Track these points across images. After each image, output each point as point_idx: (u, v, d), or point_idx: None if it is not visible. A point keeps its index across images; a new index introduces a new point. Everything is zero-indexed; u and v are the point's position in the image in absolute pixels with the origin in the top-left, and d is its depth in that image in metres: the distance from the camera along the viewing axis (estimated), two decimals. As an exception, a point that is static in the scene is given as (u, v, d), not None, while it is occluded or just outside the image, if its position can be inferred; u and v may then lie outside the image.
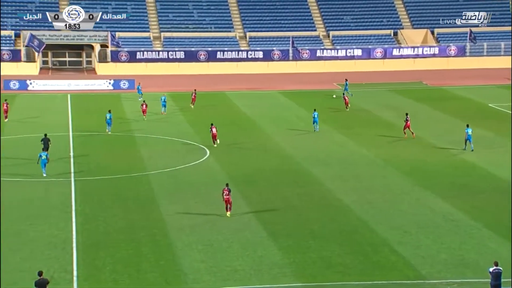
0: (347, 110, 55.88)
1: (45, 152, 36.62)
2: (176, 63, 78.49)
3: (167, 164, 38.93)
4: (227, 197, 30.04)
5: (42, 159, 36.01)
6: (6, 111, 51.07)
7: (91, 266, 24.58)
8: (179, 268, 24.68)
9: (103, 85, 66.93)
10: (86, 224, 28.87)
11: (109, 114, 47.16)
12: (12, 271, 23.93)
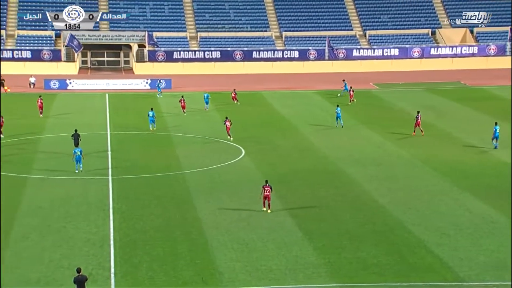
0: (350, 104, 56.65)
1: (79, 148, 37.18)
2: (212, 62, 78.91)
3: (203, 163, 39.16)
4: (267, 194, 30.25)
5: (77, 155, 36.69)
6: (41, 107, 52.33)
7: (128, 264, 24.85)
8: (214, 266, 24.81)
9: (140, 84, 67.64)
10: (123, 222, 29.20)
11: (152, 111, 48.30)
12: (53, 267, 24.36)
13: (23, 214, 29.90)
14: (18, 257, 25.16)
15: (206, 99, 56.22)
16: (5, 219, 29.20)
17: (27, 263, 24.64)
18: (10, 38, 77.94)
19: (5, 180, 35.06)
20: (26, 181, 35.02)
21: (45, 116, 52.58)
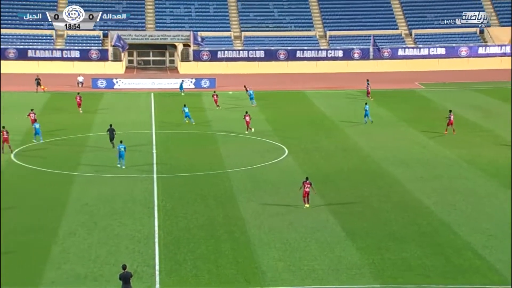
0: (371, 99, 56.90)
1: (123, 145, 37.90)
2: (256, 62, 79.11)
3: (246, 162, 39.33)
4: (307, 190, 30.55)
5: (121, 151, 37.32)
6: (80, 104, 53.97)
7: (172, 261, 25.15)
8: (257, 265, 24.91)
9: (184, 83, 68.27)
10: (168, 220, 29.56)
11: (186, 107, 50.25)
12: (99, 263, 24.82)
13: (70, 211, 30.54)
14: (66, 253, 25.70)
15: (252, 96, 57.24)
16: (53, 215, 29.88)
17: (74, 259, 25.16)
18: (60, 38, 79.60)
19: (54, 178, 35.87)
20: (74, 178, 35.74)
21: (86, 112, 53.69)
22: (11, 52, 75.16)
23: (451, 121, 45.89)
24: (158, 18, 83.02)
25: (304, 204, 31.07)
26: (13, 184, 34.52)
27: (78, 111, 53.93)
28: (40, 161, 38.80)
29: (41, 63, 75.23)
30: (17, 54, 75.26)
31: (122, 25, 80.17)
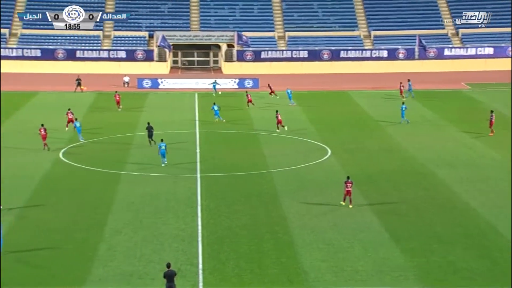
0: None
1: (164, 143, 38.51)
2: (300, 62, 78.99)
3: (289, 162, 39.34)
4: (349, 189, 30.63)
5: (162, 150, 37.92)
6: (118, 102, 55.35)
7: (215, 260, 25.35)
8: (300, 266, 24.92)
9: (228, 83, 68.60)
10: (211, 219, 29.79)
11: (215, 105, 51.37)
12: (144, 261, 25.16)
13: (117, 209, 31.05)
14: (113, 250, 26.14)
15: (290, 95, 57.61)
16: (100, 213, 30.44)
17: (121, 256, 25.57)
18: (107, 39, 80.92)
19: (101, 176, 36.51)
20: (120, 177, 36.32)
21: (131, 111, 54.56)
22: (60, 53, 76.74)
23: (492, 122, 45.18)
24: (202, 18, 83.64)
25: (343, 202, 31.17)
26: (61, 182, 35.27)
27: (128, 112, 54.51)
28: (87, 159, 39.53)
29: (88, 64, 76.63)
30: (66, 54, 76.80)
31: (167, 25, 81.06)
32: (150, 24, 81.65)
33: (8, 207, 30.51)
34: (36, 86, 65.57)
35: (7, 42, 77.84)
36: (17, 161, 38.86)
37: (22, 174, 36.26)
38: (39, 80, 69.42)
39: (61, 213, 30.47)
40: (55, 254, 25.71)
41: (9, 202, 31.44)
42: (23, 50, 76.21)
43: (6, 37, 78.10)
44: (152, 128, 43.39)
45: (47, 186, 34.38)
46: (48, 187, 34.24)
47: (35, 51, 76.34)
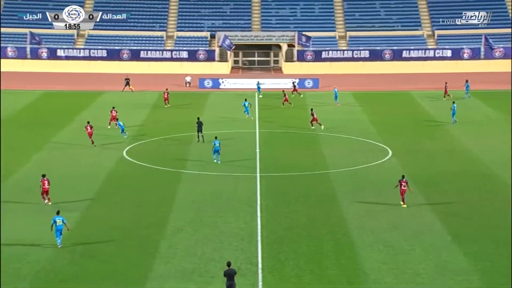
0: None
1: (218, 140, 39.14)
2: (361, 62, 78.36)
3: (348, 162, 39.14)
4: (404, 188, 30.61)
5: (216, 147, 38.65)
6: (167, 99, 56.95)
7: (275, 260, 25.49)
8: (360, 267, 24.81)
9: (288, 84, 68.66)
10: (271, 219, 29.96)
11: (246, 102, 52.24)
12: (205, 260, 25.51)
13: (178, 208, 31.60)
14: (174, 248, 26.61)
15: (336, 94, 57.89)
16: (162, 211, 31.05)
17: (182, 254, 26.00)
18: (170, 40, 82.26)
19: (163, 175, 37.21)
20: (181, 176, 36.93)
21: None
22: (125, 53, 78.43)
23: None
24: (264, 19, 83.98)
25: (402, 203, 31.00)
26: (124, 180, 36.12)
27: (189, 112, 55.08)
28: (150, 158, 40.32)
29: (152, 64, 78.09)
30: (130, 55, 78.45)
31: (229, 26, 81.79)
32: (212, 25, 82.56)
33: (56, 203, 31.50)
34: (101, 86, 67.23)
35: (75, 42, 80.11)
36: (82, 160, 40.00)
37: (88, 172, 37.31)
38: (105, 80, 71.17)
39: (125, 210, 31.21)
40: (119, 250, 26.37)
41: (75, 199, 32.44)
42: (90, 50, 78.26)
43: (74, 37, 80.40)
44: (202, 123, 44.44)
45: (112, 184, 35.27)
46: (112, 185, 35.11)
47: (101, 51, 78.28)
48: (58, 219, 26.38)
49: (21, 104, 57.76)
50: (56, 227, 26.28)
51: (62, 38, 79.93)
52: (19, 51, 76.89)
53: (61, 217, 26.52)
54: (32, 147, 42.38)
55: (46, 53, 77.16)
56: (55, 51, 77.39)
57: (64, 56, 77.50)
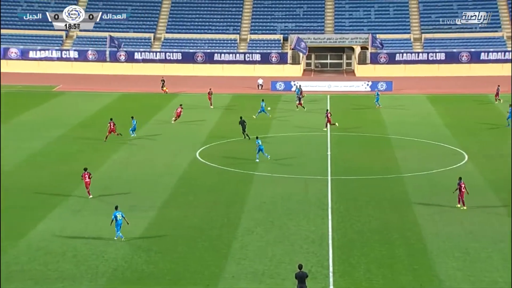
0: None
1: (259, 140, 40.15)
2: (436, 64, 76.76)
3: (422, 166, 38.38)
4: (463, 191, 30.69)
5: (260, 145, 39.48)
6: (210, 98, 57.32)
7: (346, 264, 25.27)
8: (434, 273, 24.28)
9: (361, 86, 68.02)
10: (341, 222, 29.72)
11: (263, 102, 52.99)
12: (275, 262, 25.53)
13: (249, 209, 31.77)
14: (245, 249, 26.77)
15: (377, 96, 57.28)
16: (234, 212, 31.31)
17: (253, 255, 26.12)
18: (243, 42, 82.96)
19: (234, 176, 37.51)
20: (253, 177, 37.12)
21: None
22: (200, 56, 79.60)
23: None
24: (337, 21, 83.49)
25: (462, 205, 30.73)
26: (197, 181, 36.61)
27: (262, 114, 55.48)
28: (222, 159, 40.71)
29: (225, 66, 78.96)
30: (204, 57, 79.56)
31: (301, 28, 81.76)
32: (285, 27, 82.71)
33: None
34: (176, 88, 68.47)
35: (151, 46, 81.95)
36: (157, 160, 40.82)
37: (163, 172, 38.03)
38: (180, 82, 72.42)
39: (198, 210, 31.63)
40: (192, 249, 26.73)
41: (151, 199, 33.14)
42: (166, 53, 79.87)
43: (150, 41, 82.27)
44: (245, 122, 45.45)
45: (185, 184, 35.83)
46: (186, 185, 35.67)
47: (177, 54, 79.75)
48: (118, 214, 27.49)
49: (100, 105, 59.49)
50: (116, 222, 27.38)
51: (139, 41, 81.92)
52: (98, 54, 79.25)
53: (120, 212, 27.69)
54: (110, 147, 43.55)
55: (124, 56, 79.24)
56: (132, 54, 79.38)
57: (141, 59, 79.40)
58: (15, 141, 45.06)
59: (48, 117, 53.44)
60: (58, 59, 78.59)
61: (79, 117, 53.39)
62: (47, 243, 27.08)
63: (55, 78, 72.77)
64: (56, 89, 68.40)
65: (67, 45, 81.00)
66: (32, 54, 78.38)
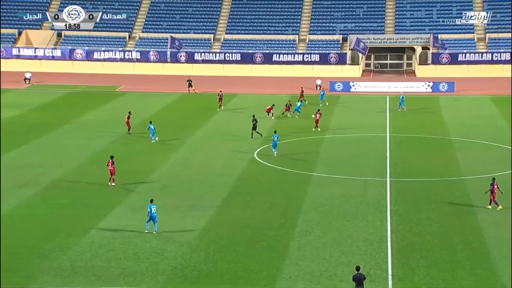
0: None
1: (277, 135, 40.92)
2: (500, 65, 74.90)
3: (484, 169, 37.53)
4: (495, 191, 30.59)
5: (274, 141, 40.81)
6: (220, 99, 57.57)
7: (405, 267, 24.94)
8: (498, 279, 23.75)
9: (421, 87, 66.94)
10: (400, 225, 29.34)
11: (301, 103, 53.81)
12: (333, 263, 25.39)
13: (307, 210, 31.71)
14: (303, 250, 26.72)
15: (401, 101, 55.87)
16: (291, 213, 31.32)
17: (310, 256, 26.06)
18: (302, 43, 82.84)
19: (292, 177, 37.48)
20: (311, 178, 37.04)
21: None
22: (258, 56, 79.86)
23: None
24: (398, 21, 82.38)
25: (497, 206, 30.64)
26: (255, 181, 36.73)
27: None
28: (279, 160, 40.75)
29: (283, 67, 79.00)
30: (263, 58, 79.77)
31: (361, 28, 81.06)
32: (344, 28, 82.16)
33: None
34: (235, 88, 68.89)
35: (211, 46, 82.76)
36: (216, 160, 41.16)
37: (221, 172, 38.34)
38: (239, 83, 72.82)
39: (256, 210, 31.76)
40: (250, 249, 26.84)
41: (210, 199, 33.46)
42: (225, 54, 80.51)
43: (210, 41, 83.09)
44: (257, 121, 45.85)
45: (243, 185, 36.03)
46: (244, 186, 35.86)
47: (236, 55, 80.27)
48: (153, 207, 27.90)
49: (161, 105, 60.40)
50: (151, 214, 27.77)
51: (200, 42, 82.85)
52: (160, 54, 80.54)
53: (155, 205, 28.06)
54: (170, 147, 44.21)
55: (185, 57, 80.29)
56: (193, 54, 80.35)
57: (201, 60, 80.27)
58: (79, 140, 46.26)
59: (110, 117, 54.61)
60: (121, 59, 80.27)
61: (140, 117, 54.40)
62: (109, 240, 27.68)
63: (118, 79, 74.32)
64: (118, 89, 69.85)
65: (130, 46, 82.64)
66: (97, 55, 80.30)
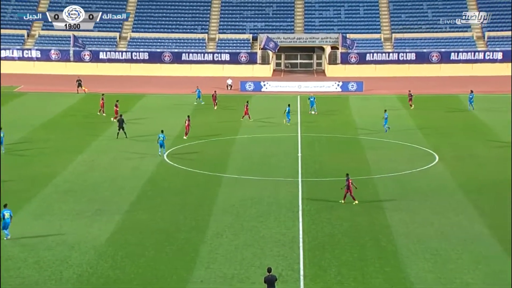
0: None
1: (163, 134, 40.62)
2: (407, 64, 77.01)
3: (393, 168, 38.20)
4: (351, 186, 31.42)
5: (160, 141, 40.37)
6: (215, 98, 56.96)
7: (317, 267, 24.85)
8: (404, 276, 24.00)
9: (331, 87, 67.82)
10: (312, 225, 29.30)
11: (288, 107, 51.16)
12: (245, 265, 25.05)
13: (218, 212, 31.17)
14: (214, 253, 26.20)
15: (312, 102, 55.26)
16: (202, 215, 30.66)
17: (222, 259, 25.56)
18: (211, 42, 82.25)
19: (203, 178, 36.84)
20: (222, 180, 36.51)
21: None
22: (167, 56, 78.67)
23: None
24: (307, 21, 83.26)
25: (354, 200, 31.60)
26: (165, 184, 35.87)
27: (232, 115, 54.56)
28: (190, 161, 40.05)
29: (193, 66, 78.14)
30: (172, 57, 78.63)
31: (271, 28, 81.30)
32: (254, 27, 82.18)
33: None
34: (143, 88, 67.47)
35: (117, 45, 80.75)
36: (124, 163, 39.94)
37: (129, 175, 37.20)
38: (146, 83, 71.42)
39: (165, 213, 30.94)
40: (159, 254, 26.08)
41: (118, 202, 32.32)
42: (132, 53, 78.72)
43: (116, 40, 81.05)
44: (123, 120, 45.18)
45: (152, 187, 35.07)
46: (153, 188, 34.91)
47: (143, 54, 78.67)
48: (6, 213, 26.49)
49: (63, 106, 58.28)
50: (3, 221, 26.33)
51: (104, 40, 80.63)
52: (62, 53, 77.78)
53: (9, 210, 26.64)
54: (72, 149, 42.54)
55: (89, 55, 77.91)
56: (97, 53, 78.07)
57: (106, 59, 78.13)
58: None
59: (9, 119, 52.14)
60: (19, 58, 77.21)
61: (42, 118, 52.25)
62: (7, 248, 26.14)
63: (16, 78, 71.43)
64: (17, 89, 67.06)
65: (29, 45, 79.47)
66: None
